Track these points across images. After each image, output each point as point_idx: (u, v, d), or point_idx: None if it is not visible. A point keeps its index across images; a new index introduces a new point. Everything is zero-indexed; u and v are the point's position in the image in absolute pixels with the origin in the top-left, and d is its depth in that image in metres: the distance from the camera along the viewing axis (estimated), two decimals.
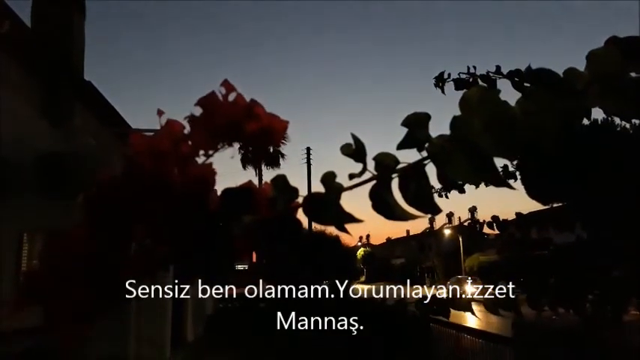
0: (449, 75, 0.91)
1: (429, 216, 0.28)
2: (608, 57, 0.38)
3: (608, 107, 0.37)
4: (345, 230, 0.23)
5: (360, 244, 32.95)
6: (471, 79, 0.87)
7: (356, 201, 0.35)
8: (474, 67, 0.92)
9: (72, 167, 3.46)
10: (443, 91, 0.92)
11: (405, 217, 0.26)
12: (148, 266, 0.20)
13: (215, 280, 0.21)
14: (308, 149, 22.41)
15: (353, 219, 0.24)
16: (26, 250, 3.96)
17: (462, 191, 0.85)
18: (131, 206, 0.19)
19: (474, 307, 0.67)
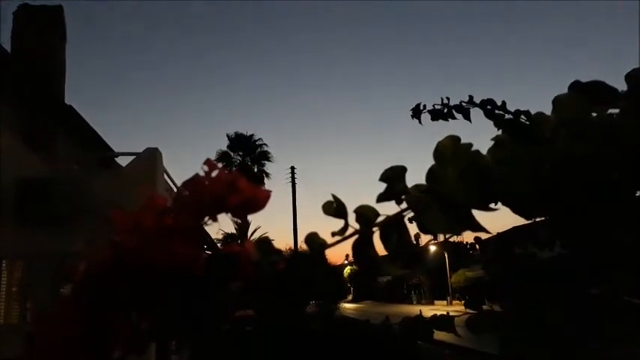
0: (424, 106, 0.95)
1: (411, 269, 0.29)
2: (573, 102, 0.40)
3: (574, 151, 0.39)
4: (333, 291, 0.24)
5: (346, 262, 32.82)
6: (445, 110, 0.91)
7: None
8: (447, 99, 0.96)
9: (53, 193, 3.41)
10: (420, 122, 0.95)
11: (388, 272, 0.27)
12: (136, 342, 0.21)
13: (204, 346, 0.21)
14: (292, 168, 22.42)
15: (339, 278, 0.25)
16: (5, 277, 3.85)
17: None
18: (118, 287, 0.20)
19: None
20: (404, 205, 0.32)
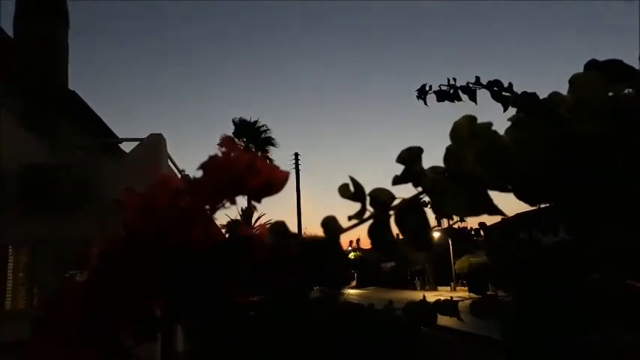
0: (430, 87, 0.93)
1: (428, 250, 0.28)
2: (589, 81, 0.39)
3: (591, 131, 0.38)
4: (345, 274, 0.24)
5: (350, 248, 32.95)
6: (451, 91, 0.89)
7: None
8: (454, 79, 0.94)
9: (58, 179, 3.41)
10: (425, 103, 0.93)
11: (406, 255, 0.26)
12: (148, 329, 0.20)
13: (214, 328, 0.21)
14: (296, 155, 22.38)
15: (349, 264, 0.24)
16: (11, 263, 3.89)
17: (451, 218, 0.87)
18: (132, 270, 0.19)
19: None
20: (420, 188, 0.31)
